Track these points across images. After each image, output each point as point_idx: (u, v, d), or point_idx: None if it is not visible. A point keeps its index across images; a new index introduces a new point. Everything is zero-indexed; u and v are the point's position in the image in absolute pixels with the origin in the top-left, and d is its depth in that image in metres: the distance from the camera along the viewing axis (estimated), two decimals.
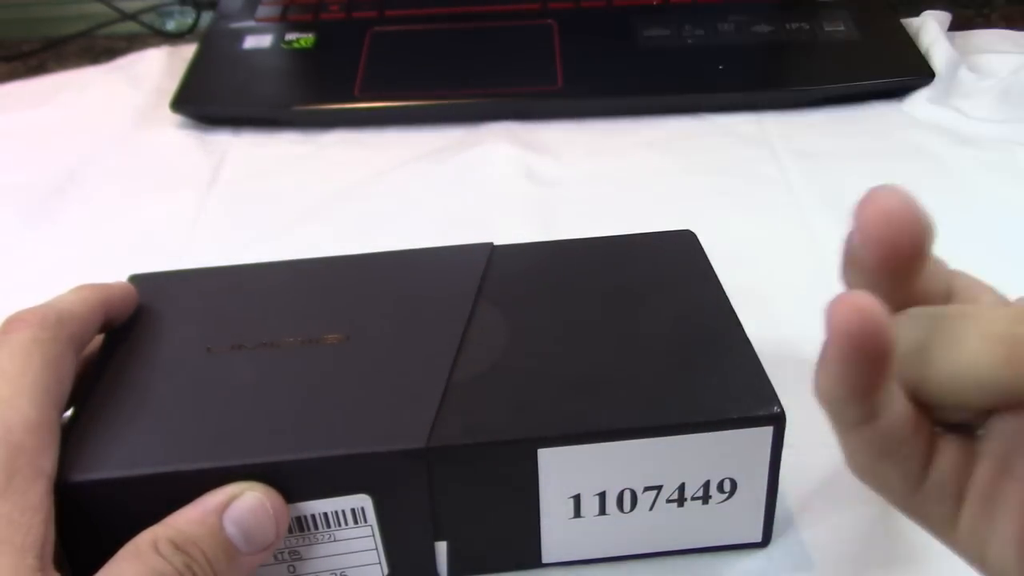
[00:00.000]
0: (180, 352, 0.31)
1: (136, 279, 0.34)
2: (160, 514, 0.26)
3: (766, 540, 0.31)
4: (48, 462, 0.26)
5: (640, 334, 0.31)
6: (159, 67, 0.65)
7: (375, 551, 0.29)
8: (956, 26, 0.64)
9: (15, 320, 0.28)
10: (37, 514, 0.24)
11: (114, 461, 0.27)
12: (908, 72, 0.58)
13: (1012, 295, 0.42)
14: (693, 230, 0.36)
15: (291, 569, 0.29)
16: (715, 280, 0.33)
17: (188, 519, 0.26)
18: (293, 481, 0.27)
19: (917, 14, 0.65)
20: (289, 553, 0.29)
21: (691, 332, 0.31)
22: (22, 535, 0.23)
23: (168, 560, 0.24)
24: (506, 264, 0.34)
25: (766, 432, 0.28)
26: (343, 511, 0.28)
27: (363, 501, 0.28)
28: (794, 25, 0.61)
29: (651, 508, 0.29)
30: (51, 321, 0.28)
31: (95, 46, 0.73)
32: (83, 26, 0.73)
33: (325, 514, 0.28)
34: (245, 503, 0.26)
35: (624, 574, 0.31)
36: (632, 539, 0.30)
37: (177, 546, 0.25)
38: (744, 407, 0.28)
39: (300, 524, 0.28)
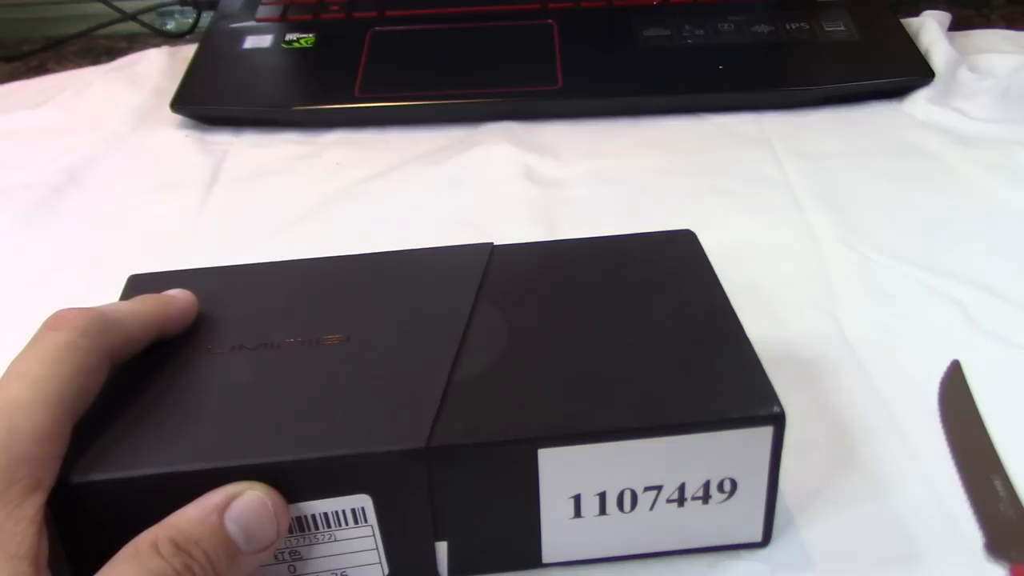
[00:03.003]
0: (180, 353, 0.31)
1: (136, 279, 0.34)
2: (161, 514, 0.26)
3: (766, 540, 0.31)
4: (48, 475, 0.25)
5: (640, 334, 0.31)
6: (159, 67, 0.65)
7: (375, 551, 0.29)
8: (956, 26, 0.64)
9: (60, 318, 0.27)
10: (31, 525, 0.24)
11: (114, 462, 0.27)
12: (908, 72, 0.58)
13: (1012, 294, 0.43)
14: (693, 230, 0.36)
15: (291, 569, 0.29)
16: (715, 280, 0.33)
17: (189, 518, 0.25)
18: (293, 481, 0.27)
19: (917, 14, 0.65)
20: (289, 553, 0.29)
21: (691, 332, 0.31)
22: (16, 543, 0.23)
23: (168, 561, 0.24)
24: (506, 264, 0.34)
25: (766, 432, 0.28)
26: (343, 511, 0.28)
27: (363, 501, 0.28)
28: (794, 25, 0.61)
29: (651, 508, 0.29)
30: (96, 329, 0.27)
31: (95, 46, 0.73)
32: (83, 26, 0.73)
33: (325, 514, 0.28)
34: (246, 501, 0.26)
35: (624, 574, 0.31)
36: (632, 539, 0.30)
37: (178, 546, 0.24)
38: (744, 407, 0.28)
39: (300, 524, 0.28)
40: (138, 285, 0.34)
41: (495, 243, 0.35)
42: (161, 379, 0.30)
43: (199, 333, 0.31)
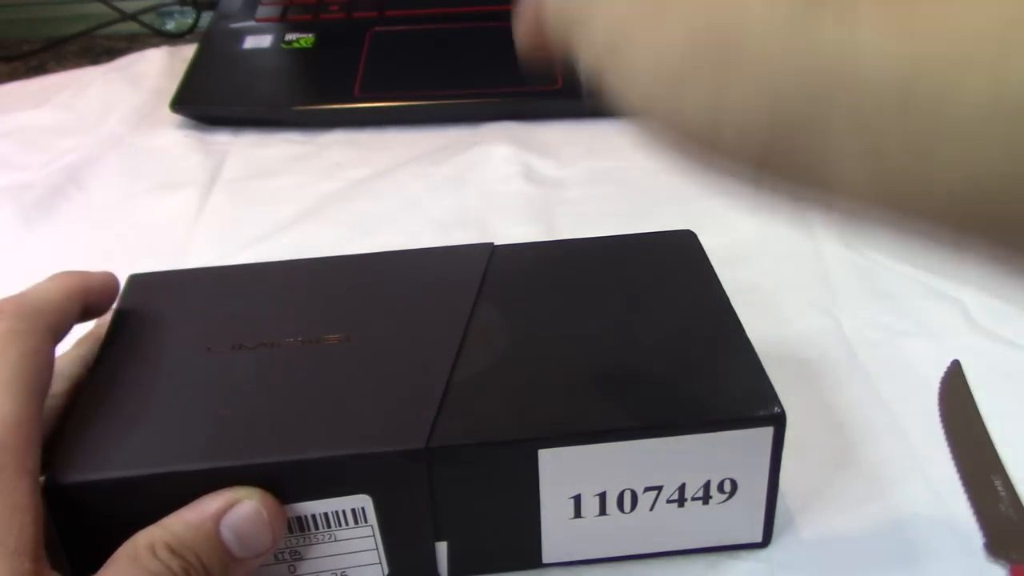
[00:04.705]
0: (179, 352, 0.31)
1: (136, 278, 0.34)
2: (158, 514, 0.26)
3: (766, 540, 0.31)
4: (32, 459, 0.25)
5: (641, 334, 0.31)
6: (159, 67, 0.65)
7: (375, 551, 0.29)
8: None
9: None
10: (27, 513, 0.23)
11: (111, 462, 0.27)
12: None
13: (1012, 295, 0.42)
14: (693, 230, 0.36)
15: (291, 569, 0.29)
16: (715, 280, 0.33)
17: (185, 523, 0.25)
18: (293, 481, 0.27)
19: None
20: (289, 553, 0.29)
21: (692, 332, 0.31)
22: (15, 538, 0.23)
23: (165, 564, 0.24)
24: (507, 264, 0.34)
25: (766, 432, 0.28)
26: (343, 511, 0.28)
27: (363, 501, 0.28)
28: None
29: (651, 508, 0.29)
30: (27, 311, 0.27)
31: (95, 46, 0.73)
32: (83, 26, 0.73)
33: (325, 514, 0.28)
34: (242, 510, 0.26)
35: (624, 574, 0.31)
36: (632, 539, 0.30)
37: (173, 550, 0.25)
38: (744, 407, 0.28)
39: (300, 524, 0.28)
40: (138, 284, 0.34)
41: (495, 243, 0.35)
42: (160, 378, 0.30)
43: (199, 332, 0.31)
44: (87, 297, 0.30)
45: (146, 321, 0.32)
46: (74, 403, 0.29)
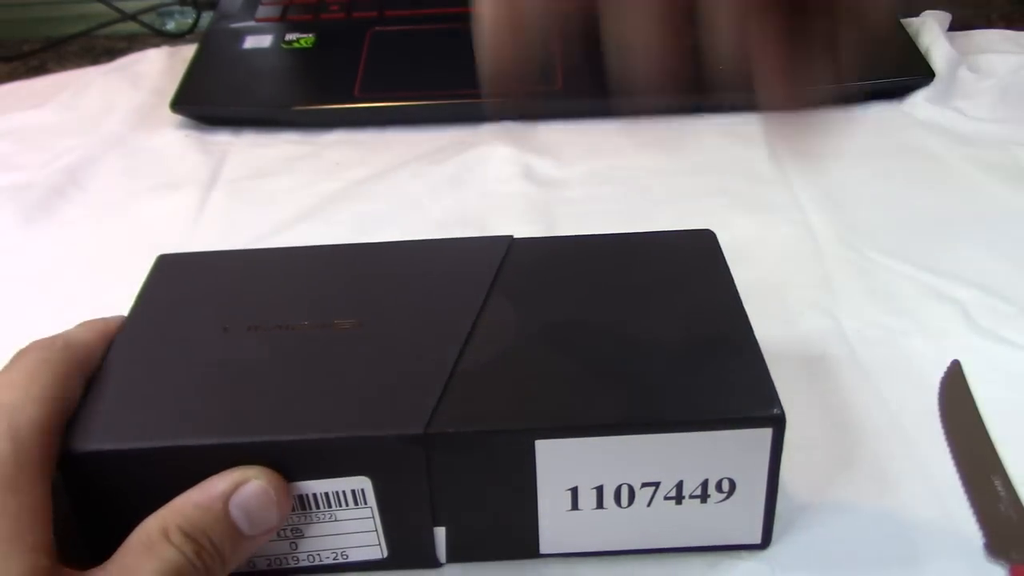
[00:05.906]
0: (197, 331, 0.31)
1: (164, 258, 0.35)
2: (165, 487, 0.26)
3: (766, 542, 0.31)
4: (49, 464, 0.26)
5: (649, 331, 0.31)
6: (159, 67, 0.65)
7: (374, 532, 0.29)
8: (956, 26, 0.64)
9: (26, 346, 0.29)
10: (42, 512, 0.25)
11: (120, 433, 0.28)
12: (908, 72, 0.58)
13: (1012, 294, 0.43)
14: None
15: (293, 546, 0.29)
16: (730, 281, 0.33)
17: (196, 504, 0.26)
18: (295, 460, 0.28)
19: (917, 14, 0.65)
20: (291, 530, 0.29)
21: (700, 331, 0.31)
22: (33, 534, 0.24)
23: (180, 549, 0.25)
24: (524, 257, 0.34)
25: (765, 433, 0.28)
26: (343, 492, 0.28)
27: (363, 483, 0.28)
28: None
29: (649, 504, 0.29)
30: (59, 345, 0.29)
31: (95, 46, 0.73)
32: (83, 26, 0.73)
33: (326, 494, 0.28)
34: (250, 489, 0.27)
35: (624, 573, 0.31)
36: (630, 534, 0.30)
37: (186, 534, 0.26)
38: (744, 407, 0.28)
39: (302, 502, 0.28)
40: (165, 265, 0.35)
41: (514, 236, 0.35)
42: (175, 356, 0.30)
43: (218, 312, 0.32)
44: (114, 335, 0.32)
45: (169, 300, 0.33)
46: (93, 378, 0.30)
